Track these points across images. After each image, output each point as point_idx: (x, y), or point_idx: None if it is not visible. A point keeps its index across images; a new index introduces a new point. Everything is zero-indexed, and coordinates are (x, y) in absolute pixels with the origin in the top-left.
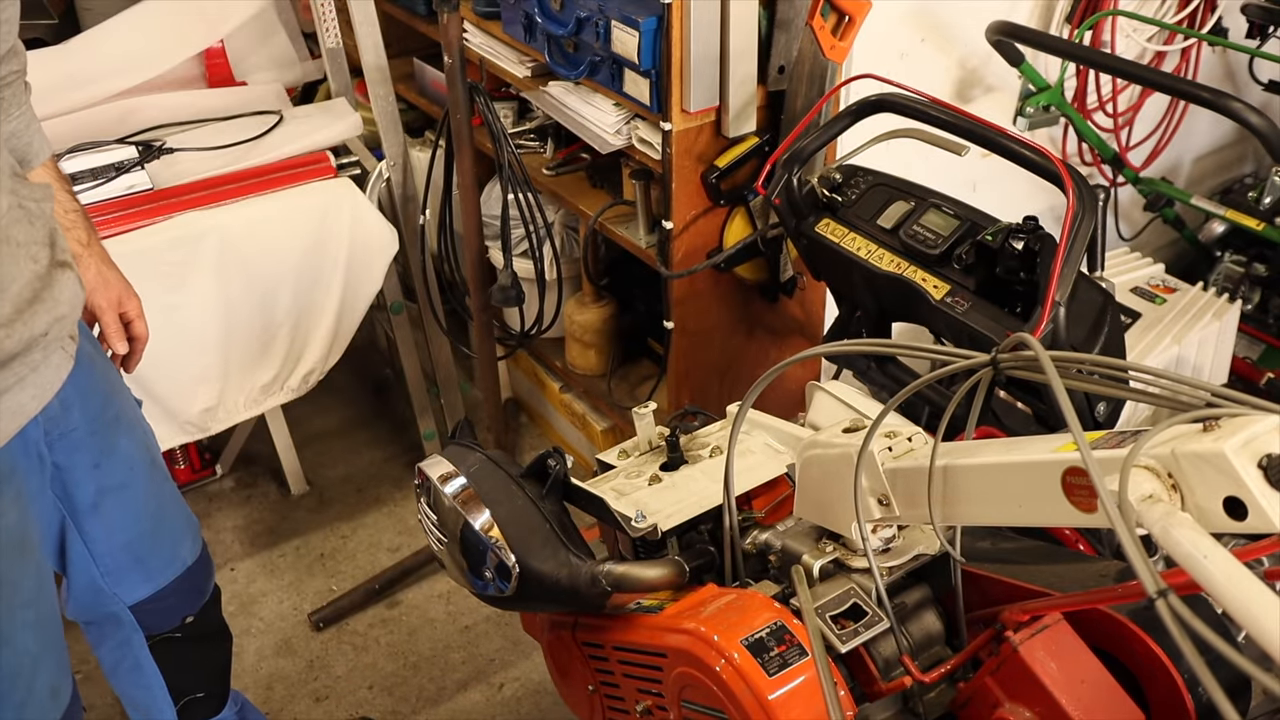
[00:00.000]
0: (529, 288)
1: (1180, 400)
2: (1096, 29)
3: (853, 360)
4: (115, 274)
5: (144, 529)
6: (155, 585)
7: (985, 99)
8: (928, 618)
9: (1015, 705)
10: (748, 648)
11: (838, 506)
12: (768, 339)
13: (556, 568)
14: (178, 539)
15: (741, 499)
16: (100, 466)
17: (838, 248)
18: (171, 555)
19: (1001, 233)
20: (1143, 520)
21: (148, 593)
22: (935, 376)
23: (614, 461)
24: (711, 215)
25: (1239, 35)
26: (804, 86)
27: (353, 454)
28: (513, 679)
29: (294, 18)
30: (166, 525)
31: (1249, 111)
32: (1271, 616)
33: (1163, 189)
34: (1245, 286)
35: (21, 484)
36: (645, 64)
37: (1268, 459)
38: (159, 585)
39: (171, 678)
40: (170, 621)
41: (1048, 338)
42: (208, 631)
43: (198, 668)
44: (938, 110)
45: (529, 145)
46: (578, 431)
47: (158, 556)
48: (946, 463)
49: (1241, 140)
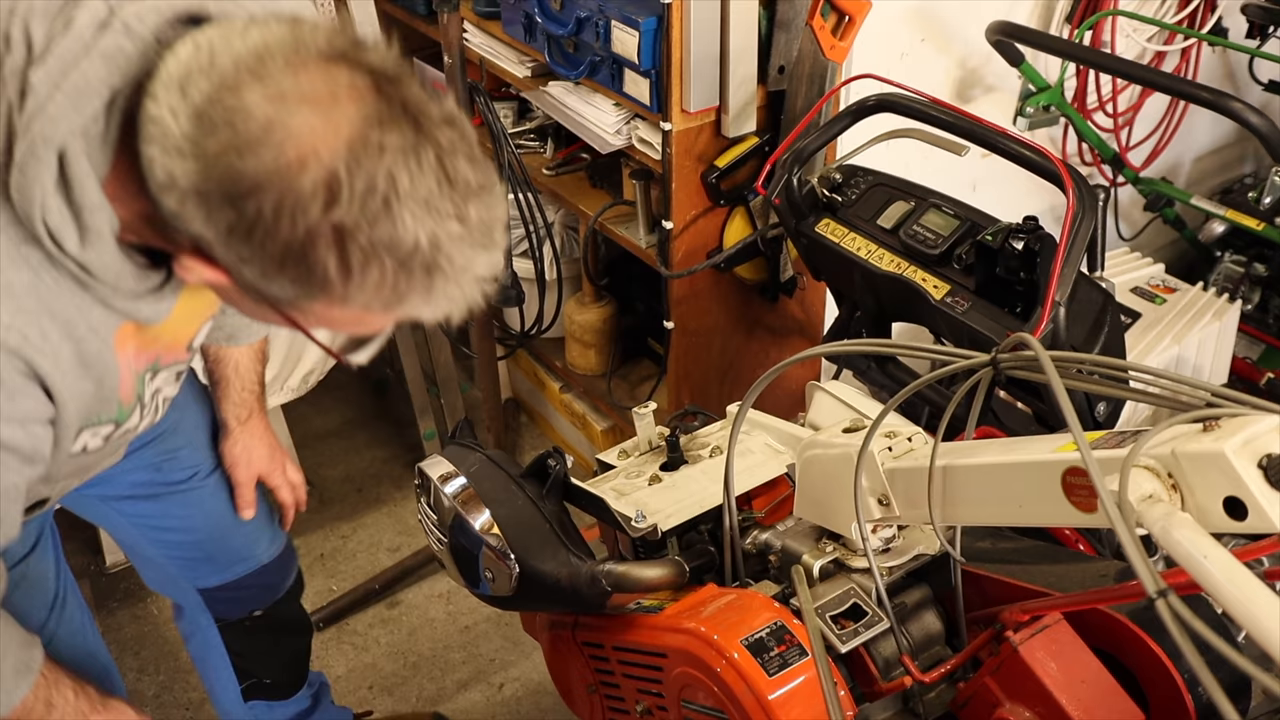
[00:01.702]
0: (529, 288)
1: (1180, 400)
2: (1096, 29)
3: (853, 360)
4: (262, 448)
5: (212, 531)
6: (226, 578)
7: (985, 99)
8: (928, 618)
9: (1015, 705)
10: (748, 648)
11: (838, 506)
12: (768, 339)
13: (556, 568)
14: (253, 539)
15: (741, 499)
16: (161, 469)
17: (838, 248)
18: (246, 553)
19: (1001, 233)
20: (1143, 520)
21: (218, 582)
22: (935, 376)
23: (614, 461)
24: (711, 215)
25: (1239, 35)
26: (804, 86)
27: (353, 454)
28: (513, 679)
29: None
30: (242, 526)
31: (1249, 111)
32: (1271, 616)
33: (1163, 189)
34: (1245, 286)
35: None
36: (645, 64)
37: (1268, 459)
38: (229, 578)
39: (239, 660)
40: (238, 612)
41: (1048, 338)
42: (280, 624)
43: (267, 656)
44: (938, 110)
45: (529, 145)
46: (578, 431)
47: (227, 554)
48: (946, 463)
49: (1241, 140)
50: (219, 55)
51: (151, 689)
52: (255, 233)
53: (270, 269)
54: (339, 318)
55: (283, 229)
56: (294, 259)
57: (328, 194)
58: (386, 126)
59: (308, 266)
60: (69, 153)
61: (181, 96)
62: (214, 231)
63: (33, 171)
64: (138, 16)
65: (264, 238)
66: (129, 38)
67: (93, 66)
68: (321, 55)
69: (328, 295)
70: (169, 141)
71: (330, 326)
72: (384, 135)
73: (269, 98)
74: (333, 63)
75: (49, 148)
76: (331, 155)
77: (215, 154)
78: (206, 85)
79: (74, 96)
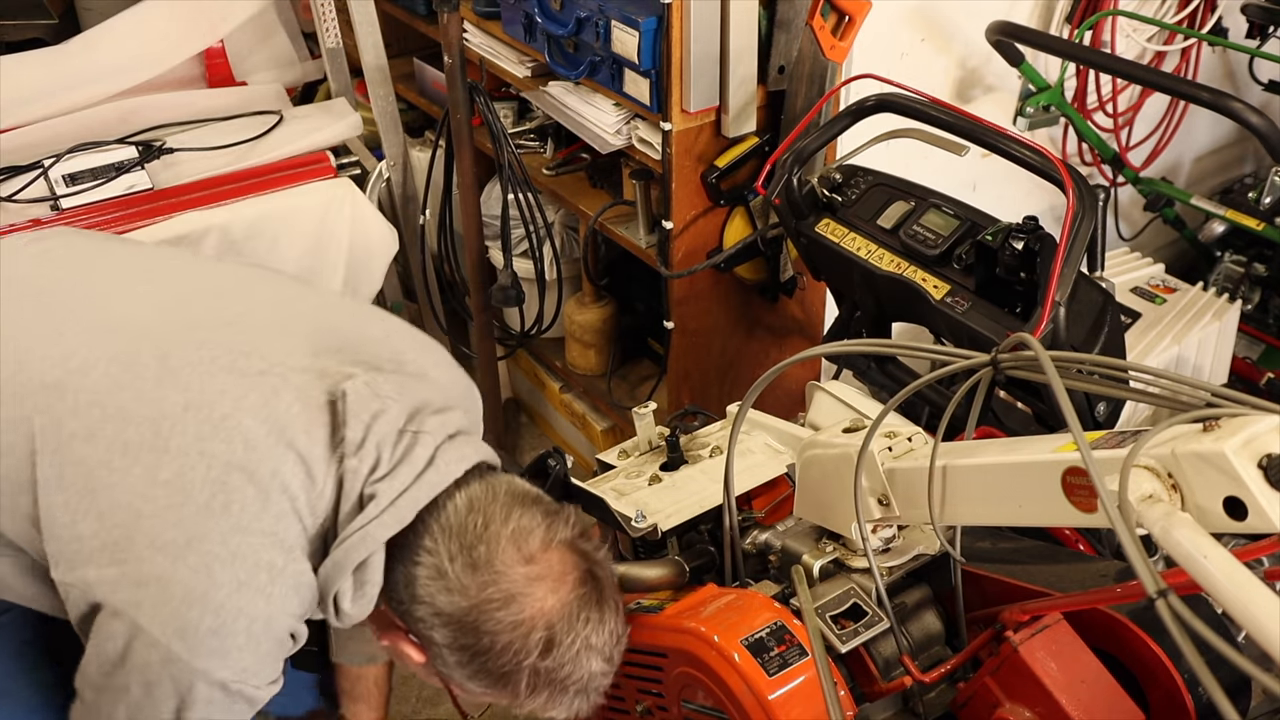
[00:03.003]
0: (529, 288)
1: (1180, 400)
2: (1096, 29)
3: (853, 360)
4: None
5: None
6: None
7: (985, 99)
8: (928, 618)
9: (1015, 705)
10: (748, 648)
11: (838, 506)
12: (768, 339)
13: None
14: None
15: (741, 499)
16: None
17: (838, 248)
18: None
19: (1001, 233)
20: (1143, 520)
21: None
22: (935, 376)
23: (614, 461)
24: (711, 215)
25: (1239, 35)
26: (804, 86)
27: None
28: None
29: (294, 18)
30: None
31: (1249, 111)
32: (1271, 616)
33: (1163, 189)
34: (1245, 286)
35: None
36: (645, 64)
37: (1268, 459)
38: None
39: None
40: None
41: (1048, 338)
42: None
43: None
44: (938, 110)
45: (529, 145)
46: (578, 431)
47: None
48: (946, 463)
49: (1241, 140)
50: (492, 522)
51: None
52: (480, 656)
53: (473, 675)
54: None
55: (503, 661)
56: (496, 677)
57: (544, 647)
58: (589, 604)
59: (504, 683)
60: (377, 552)
61: (460, 547)
62: (445, 641)
63: (347, 561)
64: (450, 462)
65: (484, 659)
66: (439, 479)
67: (419, 493)
68: (563, 543)
69: (497, 697)
70: (441, 576)
71: (474, 699)
72: (588, 610)
73: (525, 574)
74: (569, 549)
75: (369, 547)
76: (551, 620)
77: (475, 601)
78: (484, 550)
79: (398, 514)
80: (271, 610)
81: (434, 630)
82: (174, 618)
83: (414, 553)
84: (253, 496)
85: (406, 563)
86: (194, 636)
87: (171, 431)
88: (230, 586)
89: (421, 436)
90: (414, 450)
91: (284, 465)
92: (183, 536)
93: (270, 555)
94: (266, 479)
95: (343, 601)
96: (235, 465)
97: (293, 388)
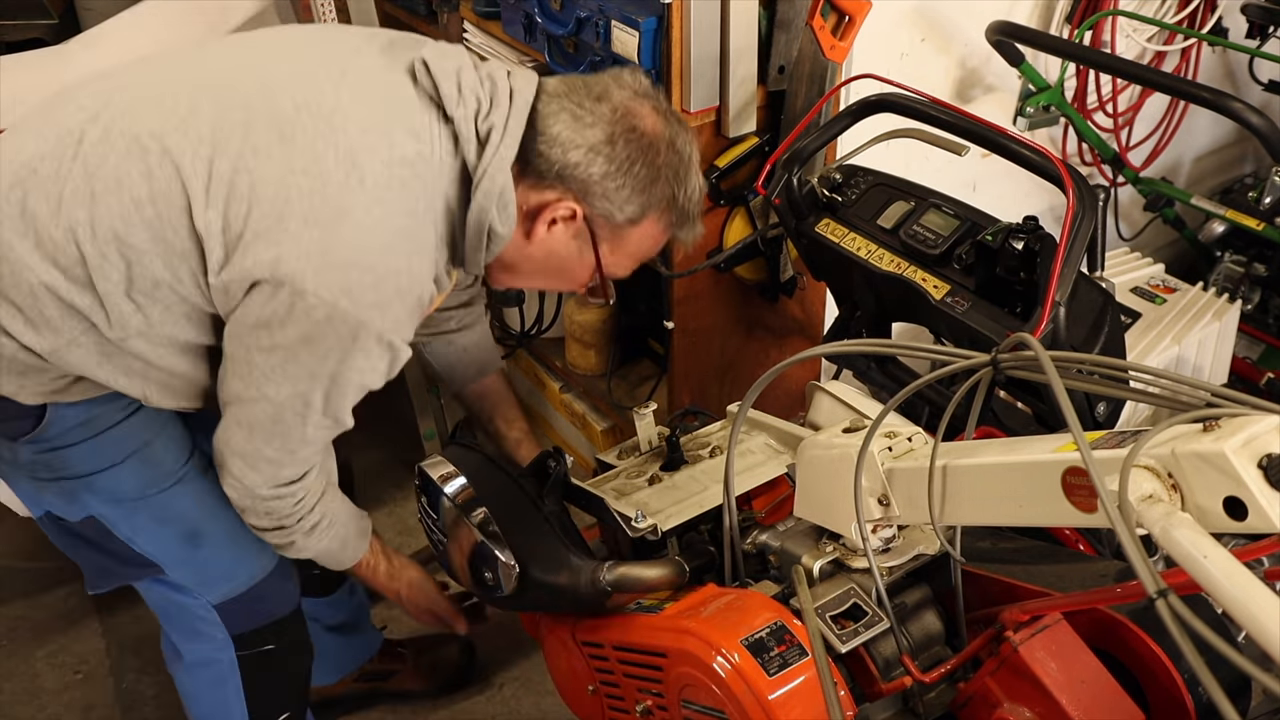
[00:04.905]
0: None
1: (1180, 400)
2: (1096, 29)
3: (853, 360)
4: None
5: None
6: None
7: (985, 99)
8: (928, 618)
9: (1015, 705)
10: (748, 648)
11: (838, 506)
12: (768, 339)
13: (556, 568)
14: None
15: (741, 499)
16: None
17: (838, 248)
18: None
19: (1001, 233)
20: (1143, 520)
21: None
22: (935, 376)
23: (614, 461)
24: (711, 215)
25: (1239, 35)
26: (804, 86)
27: (352, 454)
28: (513, 679)
29: (294, 18)
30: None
31: (1249, 111)
32: (1271, 616)
33: (1163, 189)
34: (1245, 286)
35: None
36: (645, 64)
37: (1268, 459)
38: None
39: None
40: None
41: (1048, 338)
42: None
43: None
44: (938, 110)
45: None
46: (578, 431)
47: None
48: (946, 463)
49: (1241, 140)
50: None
51: (152, 689)
52: (633, 166)
53: (630, 188)
54: (639, 242)
55: (646, 162)
56: (645, 184)
57: (668, 148)
58: (677, 130)
59: (651, 188)
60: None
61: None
62: (601, 170)
63: (494, 187)
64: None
65: (632, 167)
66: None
67: (520, 112)
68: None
69: (656, 211)
70: (577, 120)
71: (623, 260)
72: (676, 134)
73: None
74: (649, 98)
75: (505, 170)
76: (660, 132)
77: (612, 121)
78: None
79: (514, 134)
80: (413, 269)
81: (592, 165)
82: (339, 279)
83: (539, 132)
84: (379, 169)
85: (539, 142)
86: (359, 292)
87: (294, 130)
88: (378, 251)
89: (494, 74)
90: (497, 85)
91: (396, 138)
92: (330, 212)
93: (404, 221)
94: (385, 153)
95: (496, 225)
96: (356, 148)
97: (379, 78)
